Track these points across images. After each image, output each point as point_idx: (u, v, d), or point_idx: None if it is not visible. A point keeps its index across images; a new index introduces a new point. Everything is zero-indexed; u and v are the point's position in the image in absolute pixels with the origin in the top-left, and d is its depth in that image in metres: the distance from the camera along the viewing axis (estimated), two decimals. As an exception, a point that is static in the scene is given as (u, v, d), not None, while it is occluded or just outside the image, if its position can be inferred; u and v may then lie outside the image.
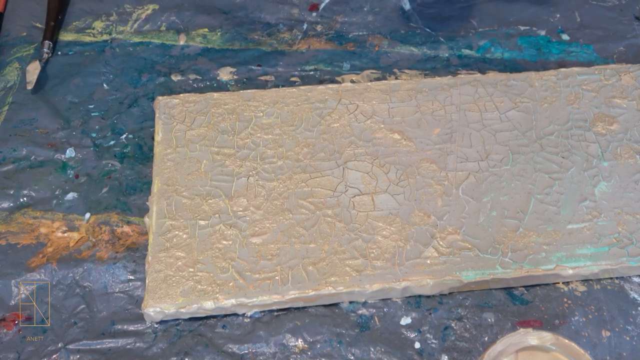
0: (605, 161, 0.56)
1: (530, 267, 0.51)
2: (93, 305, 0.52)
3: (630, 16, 0.69)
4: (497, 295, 0.52)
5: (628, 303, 0.51)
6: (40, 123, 0.61)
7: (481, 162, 0.56)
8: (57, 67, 0.65)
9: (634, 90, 0.61)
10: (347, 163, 0.56)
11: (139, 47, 0.67)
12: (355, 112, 0.60)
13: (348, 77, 0.64)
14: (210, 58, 0.66)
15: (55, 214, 0.56)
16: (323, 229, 0.53)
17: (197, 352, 0.49)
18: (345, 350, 0.49)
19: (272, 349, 0.50)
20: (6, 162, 0.59)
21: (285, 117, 0.59)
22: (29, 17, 0.69)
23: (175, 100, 0.60)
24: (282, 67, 0.65)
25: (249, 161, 0.57)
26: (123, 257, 0.54)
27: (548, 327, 0.50)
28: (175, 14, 0.69)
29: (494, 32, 0.67)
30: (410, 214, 0.54)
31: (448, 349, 0.49)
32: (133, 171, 0.58)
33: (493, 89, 0.60)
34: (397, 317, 0.51)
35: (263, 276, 0.51)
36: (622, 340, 0.49)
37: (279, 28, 0.68)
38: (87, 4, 0.70)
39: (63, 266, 0.53)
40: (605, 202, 0.54)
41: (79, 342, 0.50)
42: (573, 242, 0.52)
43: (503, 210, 0.54)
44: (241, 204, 0.54)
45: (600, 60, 0.65)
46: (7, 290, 0.52)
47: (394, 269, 0.51)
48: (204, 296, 0.50)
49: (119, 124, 0.61)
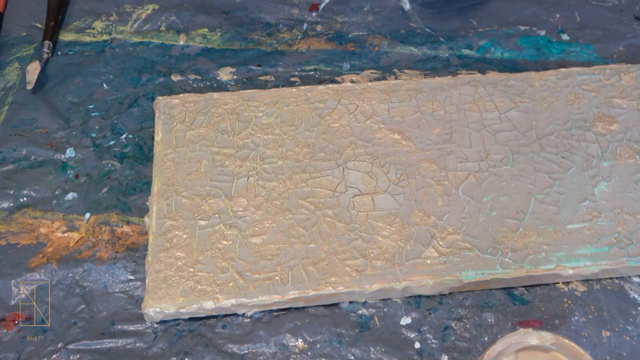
0: (605, 161, 0.56)
1: (530, 267, 0.51)
2: (93, 305, 0.52)
3: (630, 16, 0.69)
4: (497, 295, 0.52)
5: (628, 303, 0.51)
6: (40, 123, 0.61)
7: (481, 162, 0.56)
8: (57, 67, 0.65)
9: (634, 90, 0.61)
10: (347, 163, 0.56)
11: (139, 47, 0.67)
12: (355, 112, 0.60)
13: (348, 77, 0.64)
14: (210, 58, 0.66)
15: (55, 214, 0.56)
16: (323, 229, 0.53)
17: (197, 352, 0.49)
18: (345, 350, 0.49)
19: (272, 349, 0.50)
20: (6, 162, 0.59)
21: (285, 117, 0.59)
22: (29, 17, 0.69)
23: (175, 100, 0.60)
24: (282, 67, 0.65)
25: (249, 161, 0.57)
26: (123, 257, 0.54)
27: (548, 327, 0.50)
28: (175, 14, 0.69)
29: (494, 32, 0.67)
30: (410, 214, 0.54)
31: (448, 349, 0.49)
32: (133, 171, 0.58)
33: (493, 89, 0.60)
34: (397, 317, 0.51)
35: (263, 276, 0.51)
36: (622, 340, 0.49)
37: (279, 28, 0.68)
38: (87, 4, 0.70)
39: (63, 266, 0.53)
40: (605, 202, 0.54)
41: (79, 342, 0.50)
42: (573, 242, 0.52)
43: (503, 210, 0.54)
44: (241, 204, 0.54)
45: (600, 60, 0.65)
46: (7, 290, 0.52)
47: (394, 269, 0.51)
48: (204, 296, 0.50)
49: (119, 124, 0.61)
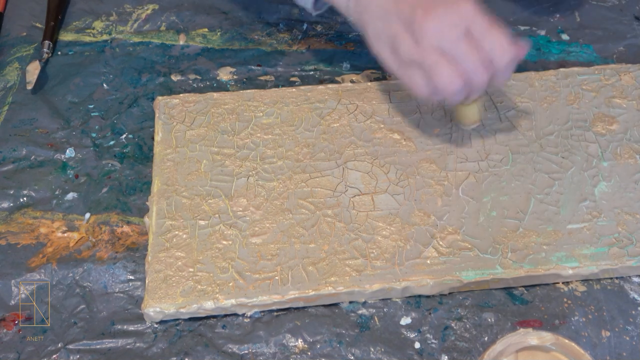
0: (605, 161, 0.56)
1: (530, 267, 0.51)
2: (93, 305, 0.52)
3: (630, 16, 0.69)
4: (497, 295, 0.52)
5: (628, 303, 0.51)
6: (40, 123, 0.61)
7: (481, 162, 0.56)
8: (57, 67, 0.65)
9: (634, 90, 0.61)
10: (347, 163, 0.56)
11: (139, 47, 0.67)
12: (355, 112, 0.60)
13: (348, 77, 0.64)
14: (210, 58, 0.66)
15: (55, 214, 0.56)
16: (323, 229, 0.53)
17: (197, 352, 0.49)
18: (345, 350, 0.49)
19: (272, 349, 0.50)
20: (6, 162, 0.59)
21: (285, 117, 0.59)
22: (29, 17, 0.69)
23: (175, 100, 0.60)
24: (282, 67, 0.65)
25: (249, 161, 0.57)
26: (123, 257, 0.54)
27: (548, 327, 0.50)
28: (175, 14, 0.69)
29: (494, 32, 0.67)
30: (410, 214, 0.54)
31: (448, 349, 0.49)
32: (133, 171, 0.58)
33: (493, 89, 0.60)
34: (397, 317, 0.51)
35: (263, 276, 0.51)
36: (622, 340, 0.49)
37: (279, 28, 0.68)
38: (87, 4, 0.70)
39: (63, 266, 0.53)
40: (605, 202, 0.54)
41: (79, 342, 0.50)
42: (573, 242, 0.52)
43: (503, 210, 0.54)
44: (241, 204, 0.54)
45: (600, 60, 0.65)
46: (7, 290, 0.52)
47: (394, 269, 0.51)
48: (204, 296, 0.50)
49: (119, 124, 0.61)
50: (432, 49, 0.48)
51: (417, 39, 0.48)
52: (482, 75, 0.49)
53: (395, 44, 0.49)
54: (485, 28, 0.48)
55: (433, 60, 0.48)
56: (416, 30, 0.48)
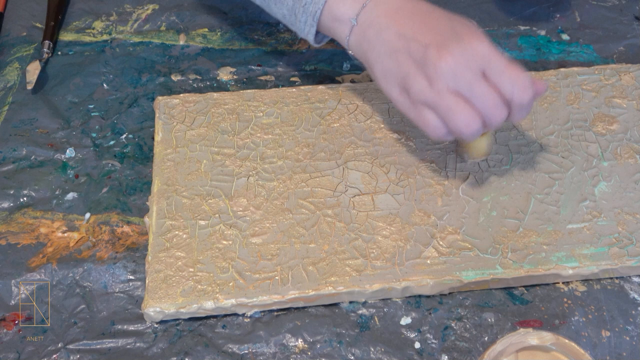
0: (605, 161, 0.56)
1: (530, 267, 0.51)
2: (93, 305, 0.52)
3: (630, 16, 0.69)
4: (497, 295, 0.52)
5: (628, 303, 0.51)
6: (40, 123, 0.61)
7: (481, 162, 0.56)
8: (57, 67, 0.65)
9: (634, 90, 0.61)
10: (347, 163, 0.56)
11: (139, 47, 0.67)
12: (355, 112, 0.60)
13: (348, 77, 0.64)
14: (210, 58, 0.66)
15: (55, 214, 0.56)
16: (323, 229, 0.53)
17: (197, 352, 0.49)
18: (345, 350, 0.49)
19: (272, 349, 0.50)
20: (6, 162, 0.59)
21: (285, 117, 0.59)
22: (29, 17, 0.69)
23: (175, 100, 0.60)
24: (282, 67, 0.65)
25: (249, 161, 0.57)
26: (123, 257, 0.54)
27: (548, 327, 0.50)
28: (175, 14, 0.69)
29: (494, 32, 0.67)
30: (410, 213, 0.54)
31: (448, 349, 0.49)
32: (133, 171, 0.58)
33: None
34: (397, 317, 0.51)
35: (263, 276, 0.51)
36: (622, 340, 0.49)
37: (279, 28, 0.68)
38: (87, 4, 0.70)
39: (63, 266, 0.53)
40: (605, 202, 0.54)
41: (79, 342, 0.50)
42: (573, 242, 0.52)
43: (503, 210, 0.54)
44: (241, 204, 0.54)
45: (600, 60, 0.65)
46: (7, 290, 0.52)
47: (394, 269, 0.51)
48: (204, 296, 0.50)
49: (119, 124, 0.61)
50: (447, 90, 0.46)
51: (431, 80, 0.46)
52: (501, 115, 0.47)
53: (407, 85, 0.48)
54: (503, 66, 0.46)
55: (450, 102, 0.46)
56: (430, 71, 0.46)
